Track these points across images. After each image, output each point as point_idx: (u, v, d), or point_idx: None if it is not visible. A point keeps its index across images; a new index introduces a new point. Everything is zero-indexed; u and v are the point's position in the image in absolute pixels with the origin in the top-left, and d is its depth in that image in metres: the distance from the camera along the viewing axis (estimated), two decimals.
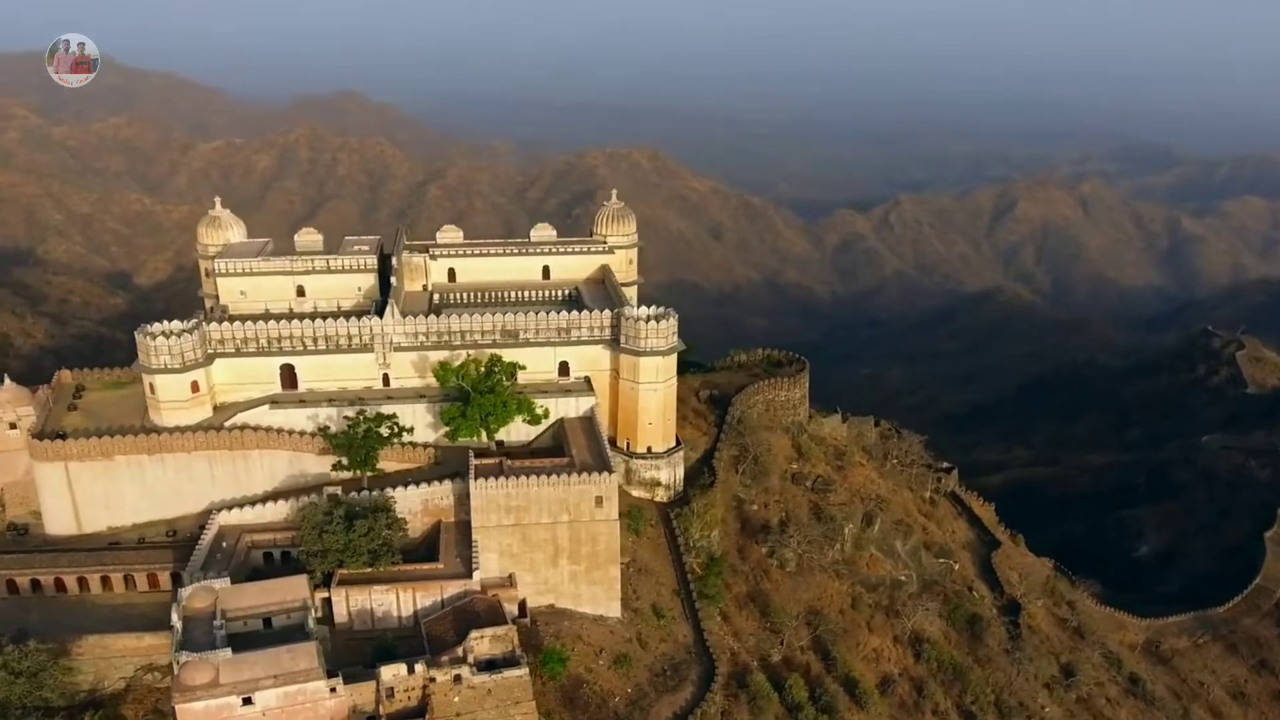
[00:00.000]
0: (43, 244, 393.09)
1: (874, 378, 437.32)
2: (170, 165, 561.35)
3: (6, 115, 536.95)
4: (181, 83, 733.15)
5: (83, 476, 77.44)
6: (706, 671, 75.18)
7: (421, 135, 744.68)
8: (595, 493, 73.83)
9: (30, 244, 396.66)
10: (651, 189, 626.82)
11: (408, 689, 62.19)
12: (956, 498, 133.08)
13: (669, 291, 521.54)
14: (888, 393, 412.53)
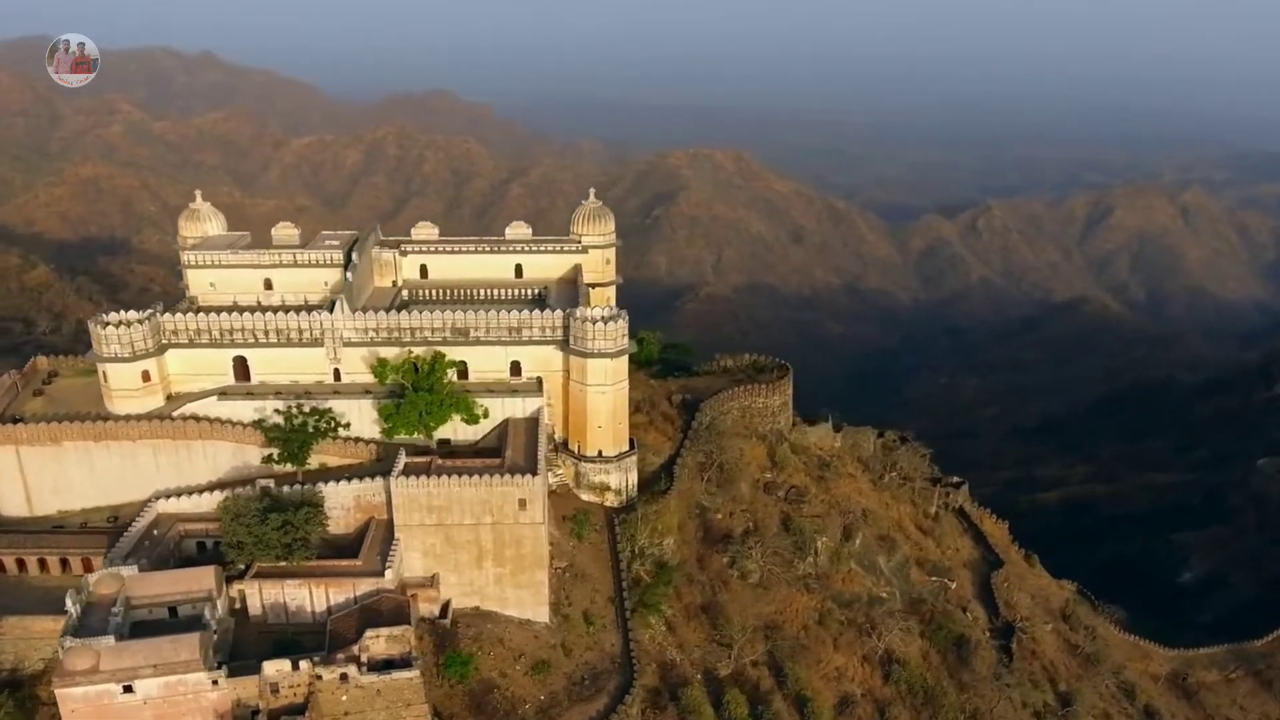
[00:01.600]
0: (137, 234, 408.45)
1: (950, 387, 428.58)
2: (263, 160, 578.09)
3: (112, 110, 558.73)
4: (281, 80, 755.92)
5: (33, 461, 79.22)
6: (626, 682, 73.40)
7: (511, 134, 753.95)
8: (519, 495, 72.74)
9: (125, 234, 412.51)
10: (734, 190, 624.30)
11: (293, 685, 61.92)
12: (964, 514, 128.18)
13: (746, 294, 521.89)
14: (962, 403, 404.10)
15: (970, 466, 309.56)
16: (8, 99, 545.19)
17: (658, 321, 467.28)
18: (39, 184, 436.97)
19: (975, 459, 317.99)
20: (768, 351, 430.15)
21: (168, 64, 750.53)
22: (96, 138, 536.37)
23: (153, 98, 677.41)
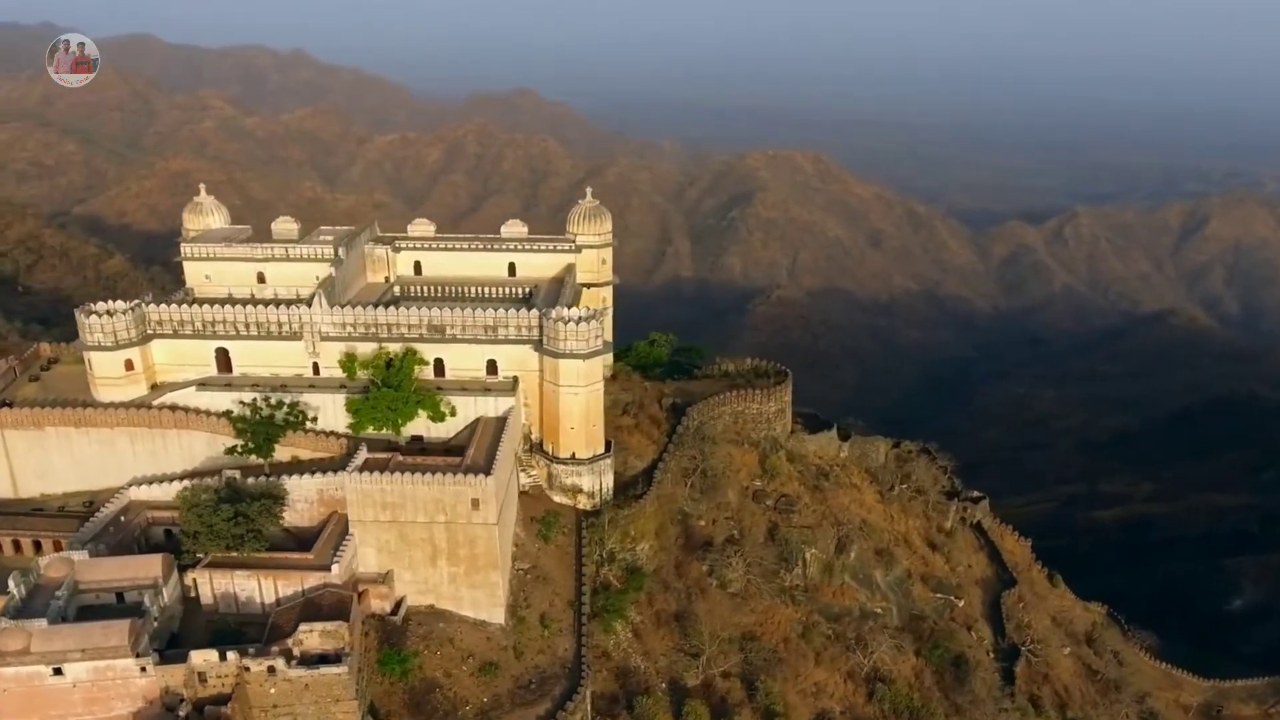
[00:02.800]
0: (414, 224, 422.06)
1: (1025, 398, 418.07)
2: (347, 156, 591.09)
3: (205, 106, 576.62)
4: (369, 78, 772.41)
5: (18, 444, 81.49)
6: (572, 688, 72.42)
7: (591, 133, 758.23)
8: (471, 495, 72.24)
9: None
10: (811, 193, 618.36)
11: (220, 676, 62.32)
12: (981, 530, 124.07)
13: (820, 298, 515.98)
14: (1036, 414, 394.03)
15: (1035, 479, 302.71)
16: (108, 95, 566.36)
17: (728, 324, 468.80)
18: (131, 177, 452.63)
19: (1041, 472, 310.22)
20: (838, 356, 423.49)
21: (262, 62, 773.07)
22: (190, 133, 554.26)
23: (247, 95, 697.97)
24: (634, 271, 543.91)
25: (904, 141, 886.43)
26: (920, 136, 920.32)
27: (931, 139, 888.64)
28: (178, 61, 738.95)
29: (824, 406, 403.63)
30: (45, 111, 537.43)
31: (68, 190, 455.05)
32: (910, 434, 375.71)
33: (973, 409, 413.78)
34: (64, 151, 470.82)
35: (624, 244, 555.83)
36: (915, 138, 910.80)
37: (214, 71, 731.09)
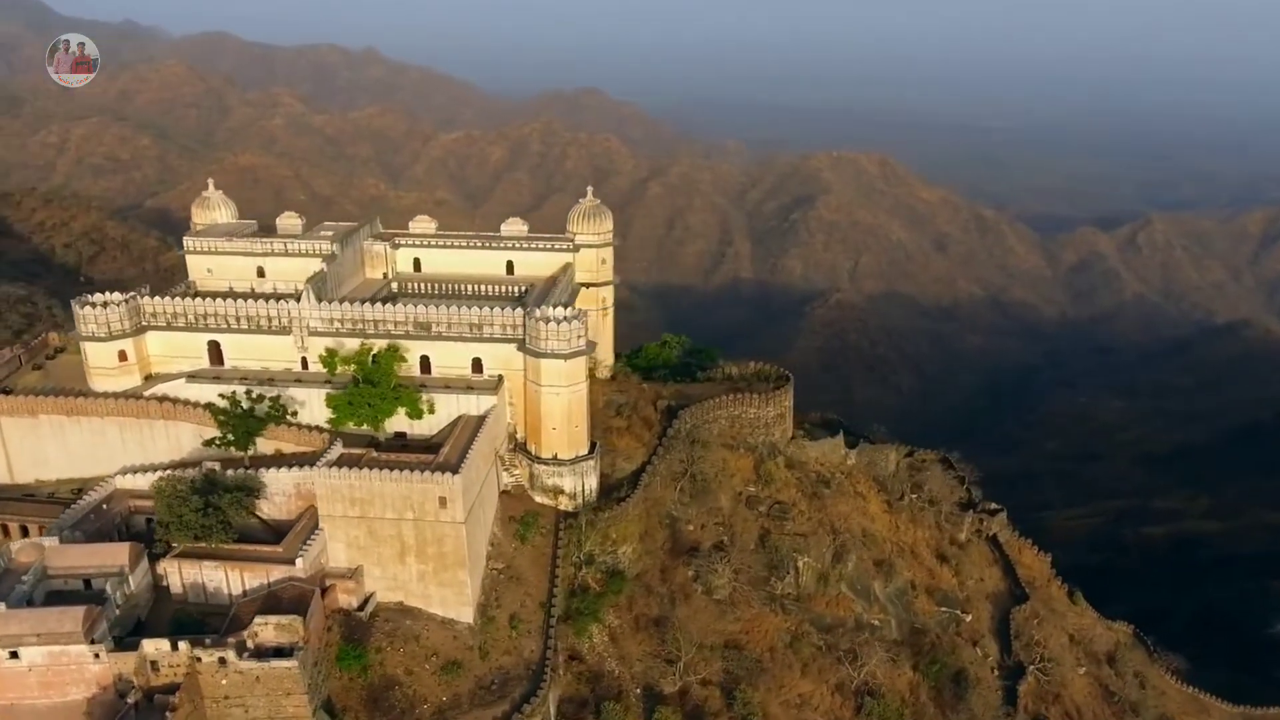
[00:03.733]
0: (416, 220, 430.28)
1: (1088, 408, 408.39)
2: (412, 154, 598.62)
3: (275, 103, 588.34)
4: (437, 77, 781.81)
5: (13, 431, 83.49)
6: (532, 690, 71.87)
7: (657, 133, 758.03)
8: (439, 493, 72.10)
9: (273, 221, 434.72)
10: (876, 196, 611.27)
11: (172, 665, 63.04)
12: (997, 543, 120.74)
13: (881, 302, 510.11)
14: (1098, 424, 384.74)
15: (1088, 491, 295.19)
16: (182, 92, 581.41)
17: (785, 326, 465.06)
18: (200, 172, 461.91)
19: (1097, 484, 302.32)
20: (895, 361, 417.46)
21: (333, 60, 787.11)
22: (260, 129, 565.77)
23: (319, 92, 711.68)
24: (693, 272, 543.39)
25: (975, 144, 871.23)
26: (993, 139, 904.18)
27: (1004, 142, 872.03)
28: (253, 59, 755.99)
29: (878, 410, 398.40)
30: (123, 107, 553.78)
31: (141, 184, 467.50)
32: (966, 441, 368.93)
33: (1034, 418, 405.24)
34: (139, 146, 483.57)
35: (684, 244, 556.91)
36: (987, 140, 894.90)
37: (287, 69, 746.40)
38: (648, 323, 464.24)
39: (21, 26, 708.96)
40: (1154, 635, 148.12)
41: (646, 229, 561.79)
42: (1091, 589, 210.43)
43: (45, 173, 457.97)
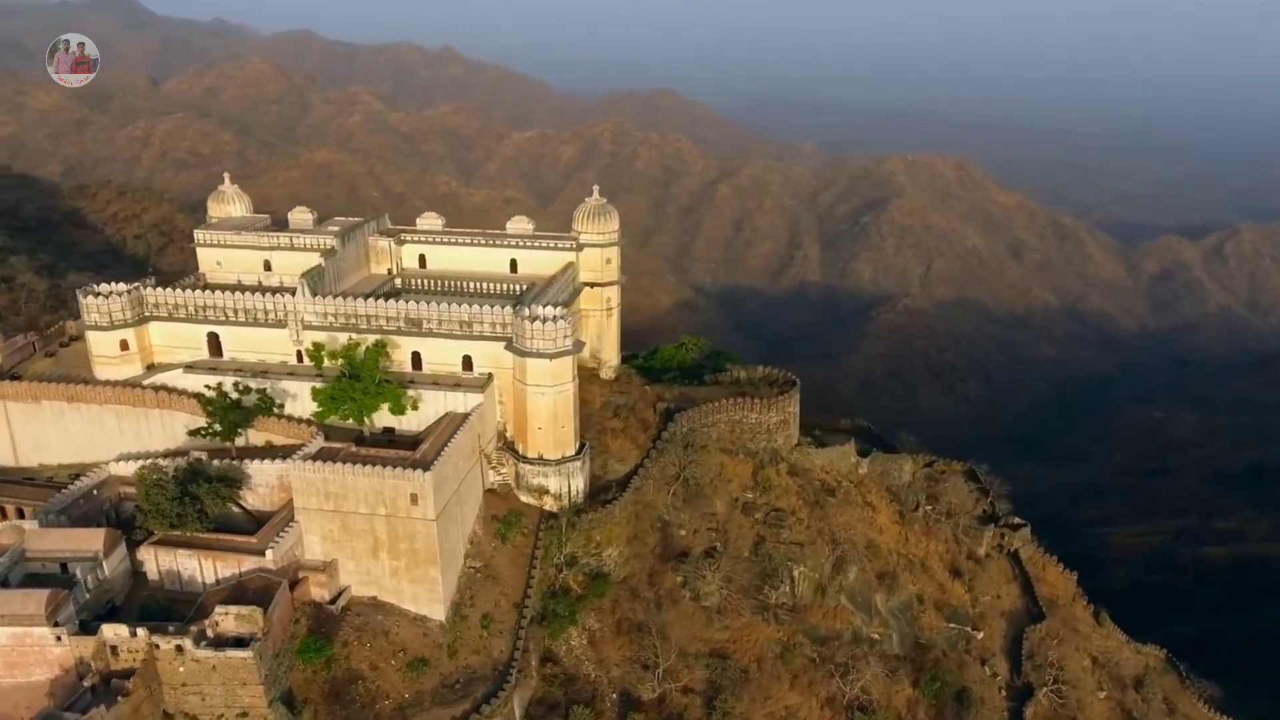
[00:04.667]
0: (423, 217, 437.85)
1: (1162, 422, 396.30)
2: (485, 152, 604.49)
3: (354, 101, 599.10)
4: (513, 76, 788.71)
5: (18, 416, 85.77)
6: (494, 691, 71.50)
7: (730, 134, 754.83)
8: (410, 489, 72.13)
9: (345, 217, 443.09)
10: (951, 200, 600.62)
11: (131, 650, 64.05)
12: (1018, 559, 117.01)
13: (951, 308, 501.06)
14: (1171, 439, 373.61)
15: (1152, 508, 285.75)
16: (265, 89, 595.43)
17: (850, 331, 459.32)
18: (278, 167, 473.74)
19: (1161, 500, 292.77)
20: (963, 368, 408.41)
21: (412, 59, 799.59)
22: (338, 126, 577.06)
23: (398, 90, 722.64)
24: (761, 275, 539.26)
25: (1060, 149, 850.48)
26: (1079, 144, 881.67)
27: (1090, 147, 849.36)
28: (335, 57, 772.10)
29: (942, 417, 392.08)
30: (208, 103, 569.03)
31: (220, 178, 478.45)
32: (1034, 452, 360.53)
33: (1104, 430, 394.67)
34: (220, 141, 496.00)
35: (752, 246, 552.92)
36: (1073, 145, 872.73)
37: (367, 67, 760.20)
38: (712, 324, 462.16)
39: (117, 26, 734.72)
40: (1203, 660, 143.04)
41: (715, 230, 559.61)
42: (1146, 609, 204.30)
43: (130, 166, 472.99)
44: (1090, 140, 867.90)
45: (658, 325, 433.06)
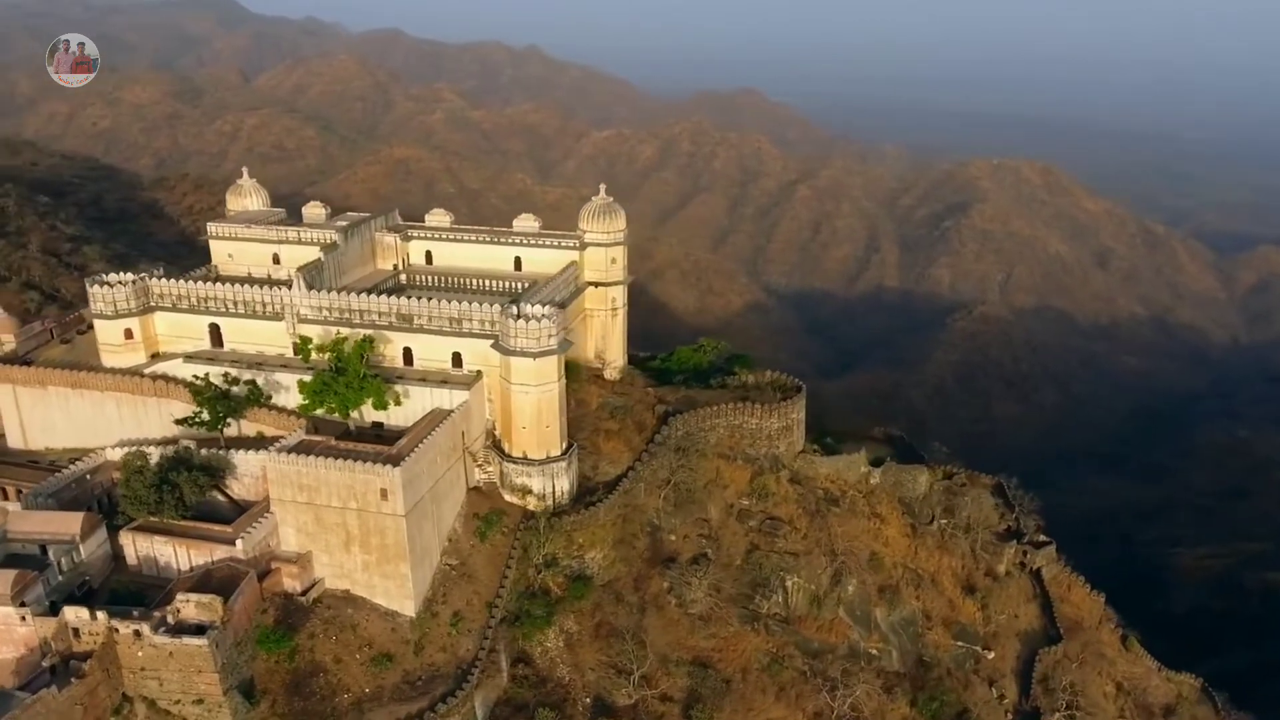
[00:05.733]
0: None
1: (1247, 441, 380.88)
2: (564, 150, 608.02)
3: (436, 98, 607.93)
4: (597, 75, 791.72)
5: (26, 400, 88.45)
6: (453, 690, 71.22)
7: (813, 135, 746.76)
8: (380, 484, 72.26)
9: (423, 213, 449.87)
10: (1036, 206, 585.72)
11: (92, 633, 65.32)
12: (1039, 578, 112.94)
13: (1030, 317, 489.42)
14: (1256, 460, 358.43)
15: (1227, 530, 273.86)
16: (351, 86, 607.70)
17: (924, 337, 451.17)
18: (358, 163, 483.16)
19: (1236, 523, 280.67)
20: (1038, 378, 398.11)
21: (497, 57, 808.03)
22: (420, 123, 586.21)
23: (482, 88, 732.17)
24: (836, 278, 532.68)
25: (1159, 155, 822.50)
26: (1180, 150, 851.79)
27: (1192, 154, 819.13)
28: (422, 55, 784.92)
29: (1014, 428, 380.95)
30: (296, 99, 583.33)
31: (303, 173, 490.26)
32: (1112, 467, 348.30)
33: (1185, 447, 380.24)
34: (304, 137, 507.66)
35: (829, 249, 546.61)
36: (1174, 151, 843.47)
37: (453, 65, 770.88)
38: (783, 327, 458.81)
39: (213, 22, 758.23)
40: (1250, 692, 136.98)
41: (791, 232, 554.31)
42: (1202, 634, 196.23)
43: (218, 160, 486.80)
44: (1193, 146, 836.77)
45: (728, 327, 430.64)
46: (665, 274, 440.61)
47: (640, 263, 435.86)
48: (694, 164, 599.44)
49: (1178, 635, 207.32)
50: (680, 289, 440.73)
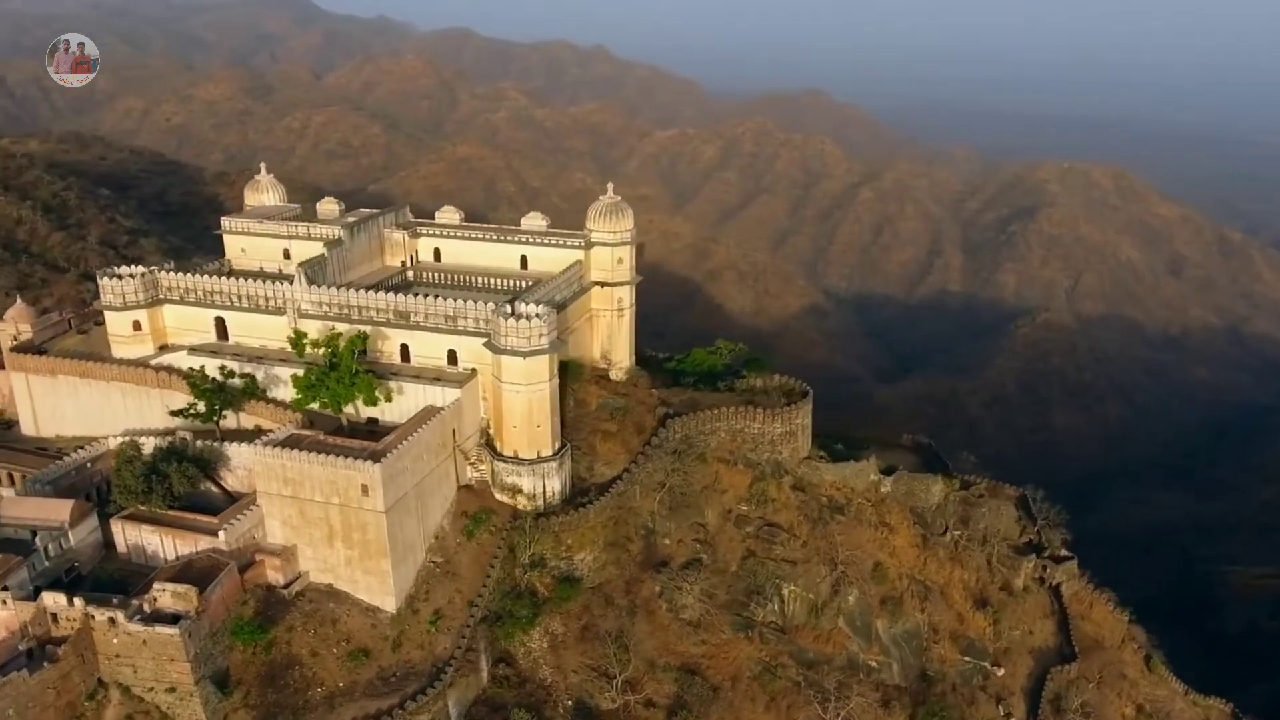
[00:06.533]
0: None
1: None
2: (627, 149, 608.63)
3: (501, 97, 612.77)
4: (663, 75, 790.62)
5: (37, 388, 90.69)
6: (424, 687, 71.12)
7: (880, 136, 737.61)
8: (360, 480, 72.49)
9: (484, 210, 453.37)
10: (1107, 211, 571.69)
11: (70, 619, 66.47)
12: (1058, 594, 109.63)
13: (1097, 325, 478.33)
14: None
15: None
16: (418, 84, 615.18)
17: (984, 344, 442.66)
18: (421, 160, 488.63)
19: None
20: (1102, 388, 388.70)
21: (564, 56, 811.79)
22: (484, 122, 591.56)
23: (549, 87, 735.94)
24: (898, 282, 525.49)
25: (1241, 161, 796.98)
26: (1263, 155, 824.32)
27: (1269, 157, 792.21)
28: (490, 54, 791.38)
29: (1075, 438, 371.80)
30: (364, 97, 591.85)
31: (368, 170, 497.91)
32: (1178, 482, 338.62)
33: (1252, 463, 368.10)
34: (370, 134, 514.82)
35: (890, 252, 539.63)
36: (1256, 156, 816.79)
37: (520, 65, 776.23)
38: (841, 330, 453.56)
39: (288, 20, 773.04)
40: None
41: (852, 234, 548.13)
42: (1253, 655, 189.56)
43: (285, 156, 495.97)
44: (1272, 150, 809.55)
45: (784, 330, 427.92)
46: (722, 275, 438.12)
47: (697, 263, 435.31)
48: (756, 165, 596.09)
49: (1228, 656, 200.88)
50: (737, 290, 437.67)
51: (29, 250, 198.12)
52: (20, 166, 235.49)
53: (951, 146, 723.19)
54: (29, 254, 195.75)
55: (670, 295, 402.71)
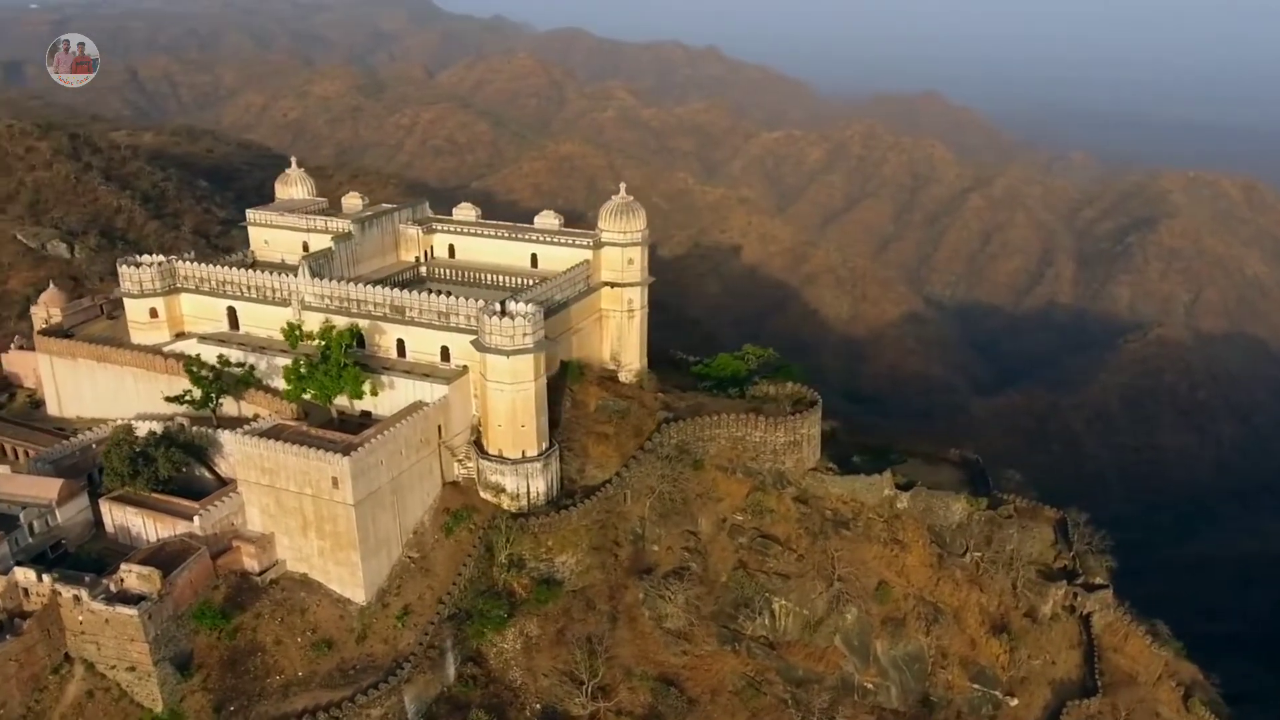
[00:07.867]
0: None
1: None
2: (732, 150, 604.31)
3: (608, 96, 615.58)
4: (773, 76, 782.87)
5: (60, 371, 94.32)
6: (378, 682, 71.16)
7: (995, 140, 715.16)
8: (331, 473, 73.09)
9: (584, 209, 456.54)
10: (1234, 223, 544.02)
11: (39, 594, 68.77)
12: (1087, 624, 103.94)
13: (1218, 343, 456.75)
14: None
15: None
16: (527, 82, 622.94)
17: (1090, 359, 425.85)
18: (525, 158, 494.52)
19: None
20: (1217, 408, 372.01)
21: (675, 56, 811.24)
22: (590, 121, 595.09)
23: (659, 87, 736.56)
24: (1005, 291, 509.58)
25: None
26: None
27: None
28: (602, 54, 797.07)
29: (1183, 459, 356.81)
30: (474, 95, 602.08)
31: (473, 167, 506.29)
32: None
33: None
34: (476, 132, 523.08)
35: (998, 261, 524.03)
36: None
37: (631, 64, 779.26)
38: (940, 339, 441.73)
39: (405, 19, 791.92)
40: None
41: (959, 241, 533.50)
42: None
43: (394, 151, 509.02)
44: None
45: (880, 338, 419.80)
46: (819, 279, 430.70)
47: (795, 267, 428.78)
48: (863, 168, 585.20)
49: None
50: (833, 295, 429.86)
51: (125, 238, 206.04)
52: (124, 158, 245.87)
53: (1070, 152, 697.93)
54: (125, 241, 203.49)
55: (765, 299, 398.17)
